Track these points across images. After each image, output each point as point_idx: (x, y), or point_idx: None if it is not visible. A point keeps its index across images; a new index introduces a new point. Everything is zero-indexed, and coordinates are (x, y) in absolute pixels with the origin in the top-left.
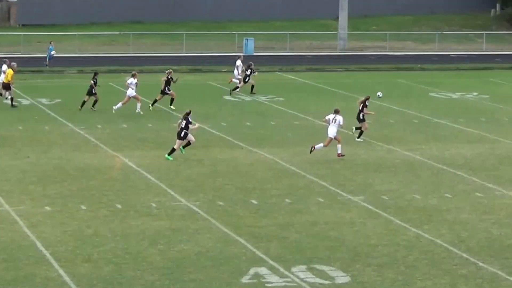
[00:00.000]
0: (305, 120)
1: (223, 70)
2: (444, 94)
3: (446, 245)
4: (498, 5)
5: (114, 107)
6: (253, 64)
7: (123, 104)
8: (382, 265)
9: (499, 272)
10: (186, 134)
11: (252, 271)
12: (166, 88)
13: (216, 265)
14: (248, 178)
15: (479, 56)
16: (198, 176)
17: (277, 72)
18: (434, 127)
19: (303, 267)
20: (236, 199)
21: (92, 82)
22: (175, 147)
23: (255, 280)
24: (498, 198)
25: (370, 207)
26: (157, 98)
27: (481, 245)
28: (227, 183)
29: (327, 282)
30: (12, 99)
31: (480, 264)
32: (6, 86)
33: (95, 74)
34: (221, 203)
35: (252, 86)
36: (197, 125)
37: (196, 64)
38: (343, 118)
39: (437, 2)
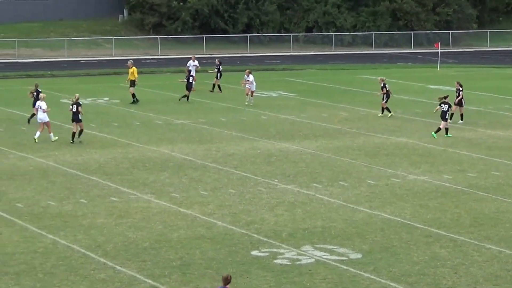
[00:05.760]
0: None
1: None
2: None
3: (83, 250)
4: (125, 11)
5: None
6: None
7: None
8: (19, 273)
9: (137, 275)
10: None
11: None
12: None
13: None
14: None
15: (108, 61)
16: None
17: None
18: (68, 133)
19: None
20: None
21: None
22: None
23: None
24: (133, 201)
25: (5, 215)
26: None
27: (118, 249)
28: None
29: None
30: None
31: (118, 268)
32: None
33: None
34: None
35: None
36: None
37: None
38: None
39: (65, 9)
